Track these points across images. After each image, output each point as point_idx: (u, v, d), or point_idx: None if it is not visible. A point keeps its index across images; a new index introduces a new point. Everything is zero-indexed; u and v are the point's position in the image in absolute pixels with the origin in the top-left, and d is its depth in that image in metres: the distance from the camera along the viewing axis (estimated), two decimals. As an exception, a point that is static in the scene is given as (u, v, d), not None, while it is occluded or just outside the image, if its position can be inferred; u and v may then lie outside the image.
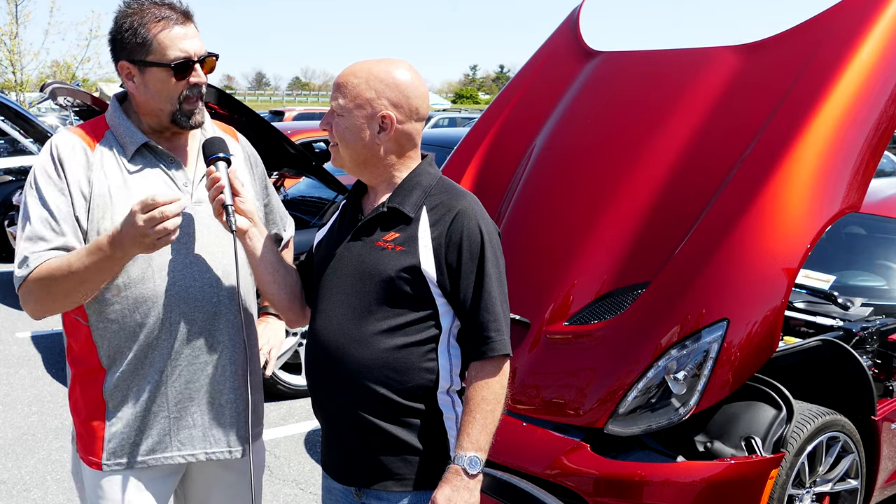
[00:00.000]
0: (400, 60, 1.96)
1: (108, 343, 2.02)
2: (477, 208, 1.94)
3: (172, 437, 2.07)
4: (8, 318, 7.27)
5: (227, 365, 2.10)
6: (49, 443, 4.71)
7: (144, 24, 1.97)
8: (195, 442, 2.09)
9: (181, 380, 2.05)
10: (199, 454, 2.10)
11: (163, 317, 2.01)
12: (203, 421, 2.09)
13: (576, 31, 4.27)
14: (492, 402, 1.88)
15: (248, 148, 2.33)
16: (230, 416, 2.11)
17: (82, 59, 31.36)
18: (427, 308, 1.91)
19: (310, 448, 4.72)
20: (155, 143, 2.05)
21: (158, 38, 1.97)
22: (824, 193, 3.12)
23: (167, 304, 2.01)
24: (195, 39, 2.02)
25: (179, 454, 2.08)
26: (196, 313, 2.04)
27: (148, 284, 2.00)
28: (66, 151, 2.00)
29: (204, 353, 2.06)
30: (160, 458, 2.07)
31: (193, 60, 2.00)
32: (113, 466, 2.05)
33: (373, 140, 1.92)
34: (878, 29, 3.25)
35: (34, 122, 8.85)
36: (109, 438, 2.04)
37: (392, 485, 1.94)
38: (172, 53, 1.97)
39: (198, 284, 2.04)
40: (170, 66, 1.97)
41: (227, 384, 2.10)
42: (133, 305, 2.00)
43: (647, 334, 3.08)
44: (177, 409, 2.06)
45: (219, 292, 2.07)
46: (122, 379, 2.03)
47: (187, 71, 2.00)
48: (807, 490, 3.22)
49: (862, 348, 3.64)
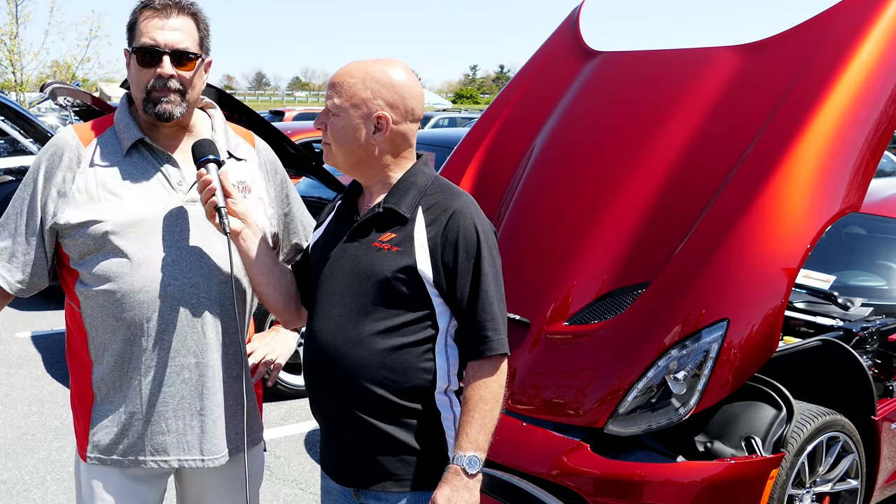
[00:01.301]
0: (396, 61, 1.95)
1: (95, 333, 2.03)
2: (473, 208, 1.94)
3: (146, 440, 2.04)
4: (8, 318, 7.27)
5: (207, 370, 2.05)
6: (49, 443, 4.71)
7: (138, 11, 2.01)
8: (168, 448, 2.05)
9: (155, 382, 2.02)
10: (172, 461, 2.06)
11: (140, 314, 1.99)
12: (177, 427, 2.04)
13: (576, 31, 4.27)
14: (490, 401, 1.87)
15: (267, 153, 2.28)
16: (209, 423, 2.06)
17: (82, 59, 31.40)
18: (424, 308, 1.91)
19: (310, 448, 4.72)
20: (150, 141, 2.05)
21: (140, 26, 1.99)
22: (824, 193, 3.12)
23: (145, 301, 1.99)
24: (175, 32, 1.99)
25: (152, 459, 2.05)
26: (175, 313, 2.00)
27: (127, 279, 1.98)
28: (51, 151, 2.04)
29: (180, 355, 2.02)
30: (135, 461, 2.05)
31: (160, 50, 1.97)
32: (94, 460, 2.05)
33: (368, 140, 1.92)
34: (878, 29, 3.25)
35: (34, 122, 8.84)
36: (94, 432, 2.05)
37: (390, 485, 1.93)
38: (142, 40, 1.98)
39: (178, 283, 2.00)
40: (133, 50, 1.99)
41: (207, 390, 2.05)
42: (113, 299, 1.99)
43: (647, 334, 3.08)
44: (151, 413, 2.03)
45: (200, 294, 2.02)
46: (106, 372, 2.03)
47: (152, 60, 1.97)
48: (807, 490, 3.22)
49: (862, 348, 3.64)
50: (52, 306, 7.44)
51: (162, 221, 2.01)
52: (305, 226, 2.38)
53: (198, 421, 2.06)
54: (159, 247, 2.00)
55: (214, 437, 2.07)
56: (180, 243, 2.02)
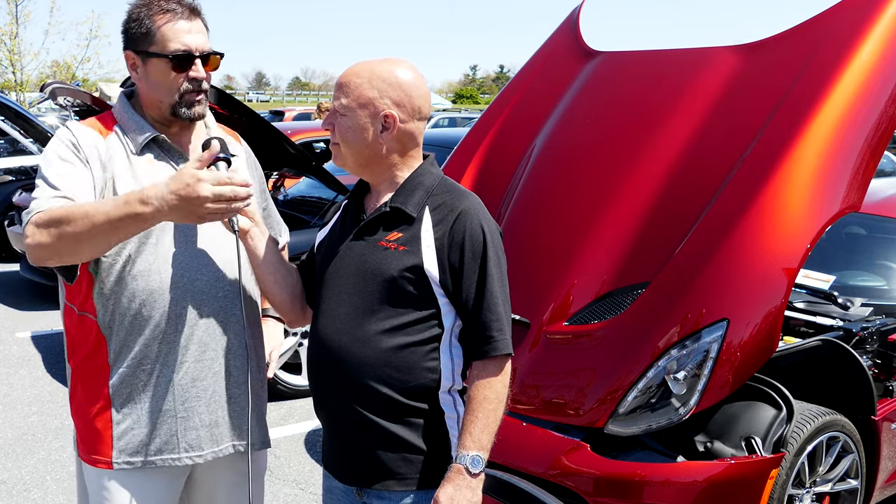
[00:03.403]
0: (402, 60, 1.96)
1: (117, 337, 2.02)
2: (479, 208, 1.95)
3: (180, 437, 2.06)
4: (8, 318, 7.27)
5: (234, 362, 2.09)
6: (49, 443, 4.71)
7: (150, 16, 2.00)
8: (202, 443, 2.08)
9: (188, 377, 2.04)
10: (207, 454, 2.09)
11: (169, 310, 2.00)
12: (210, 420, 2.07)
13: (576, 31, 4.28)
14: (494, 401, 1.88)
15: (248, 151, 2.33)
16: (237, 412, 2.11)
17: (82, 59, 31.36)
18: (429, 308, 1.91)
19: (310, 448, 4.72)
20: (164, 138, 2.06)
21: (162, 30, 1.99)
22: (824, 193, 3.12)
23: (174, 296, 2.00)
24: (199, 35, 2.03)
25: (187, 455, 2.07)
26: (203, 307, 2.03)
27: (154, 277, 1.99)
28: (83, 136, 2.02)
29: (210, 348, 2.05)
30: (167, 459, 2.06)
31: (194, 55, 2.01)
32: (123, 465, 2.04)
33: (375, 139, 1.93)
34: (878, 29, 3.25)
35: (34, 122, 8.84)
36: (119, 436, 2.03)
37: (393, 484, 1.94)
38: (173, 46, 1.99)
39: (204, 278, 2.04)
40: (169, 57, 1.98)
41: (234, 381, 2.09)
42: (139, 298, 1.99)
43: (647, 334, 3.08)
44: (184, 409, 2.04)
45: (224, 286, 2.07)
46: (127, 374, 2.02)
47: (187, 65, 2.00)
48: (807, 490, 3.22)
49: (862, 348, 3.64)
50: (52, 306, 7.44)
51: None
52: (278, 222, 2.43)
53: (226, 412, 2.09)
54: (181, 243, 2.03)
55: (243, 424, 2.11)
56: (195, 240, 2.05)
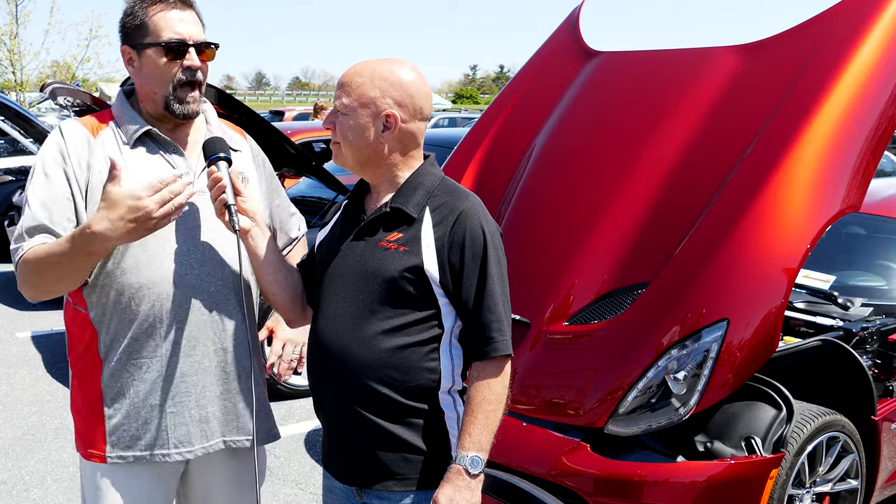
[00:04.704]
0: (403, 60, 1.96)
1: (107, 331, 2.03)
2: (480, 209, 1.95)
3: (169, 433, 2.06)
4: (8, 318, 7.27)
5: (227, 357, 2.09)
6: (49, 443, 4.71)
7: (143, 8, 2.02)
8: (192, 438, 2.08)
9: (177, 373, 2.04)
10: (198, 450, 2.09)
11: (158, 305, 2.00)
12: (200, 415, 2.07)
13: (576, 31, 4.28)
14: (493, 402, 1.88)
15: (256, 147, 2.33)
16: (229, 408, 2.11)
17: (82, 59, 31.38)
18: (430, 308, 1.91)
19: (310, 448, 4.71)
20: (157, 132, 2.07)
21: (154, 20, 2.00)
22: (824, 193, 3.12)
23: (163, 291, 2.01)
24: (192, 25, 2.04)
25: (177, 451, 2.07)
26: (192, 302, 2.03)
27: (143, 271, 2.00)
28: (70, 137, 2.03)
29: (201, 343, 2.05)
30: (157, 455, 2.06)
31: (187, 43, 2.01)
32: (116, 460, 2.04)
33: (377, 139, 1.93)
34: (878, 29, 3.25)
35: (34, 122, 8.84)
36: (111, 431, 2.04)
37: (393, 484, 1.94)
38: (166, 35, 2.00)
39: (195, 273, 2.04)
40: (162, 45, 1.99)
41: (227, 376, 2.09)
42: (129, 293, 2.00)
43: (647, 334, 3.08)
44: (173, 404, 2.05)
45: (216, 282, 2.06)
46: (117, 369, 2.03)
47: (180, 53, 2.01)
48: (807, 490, 3.22)
49: (862, 348, 3.64)
50: (52, 306, 7.43)
51: None
52: (292, 213, 2.42)
53: (217, 407, 2.09)
54: (172, 238, 2.02)
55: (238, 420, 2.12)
56: (191, 234, 2.05)
